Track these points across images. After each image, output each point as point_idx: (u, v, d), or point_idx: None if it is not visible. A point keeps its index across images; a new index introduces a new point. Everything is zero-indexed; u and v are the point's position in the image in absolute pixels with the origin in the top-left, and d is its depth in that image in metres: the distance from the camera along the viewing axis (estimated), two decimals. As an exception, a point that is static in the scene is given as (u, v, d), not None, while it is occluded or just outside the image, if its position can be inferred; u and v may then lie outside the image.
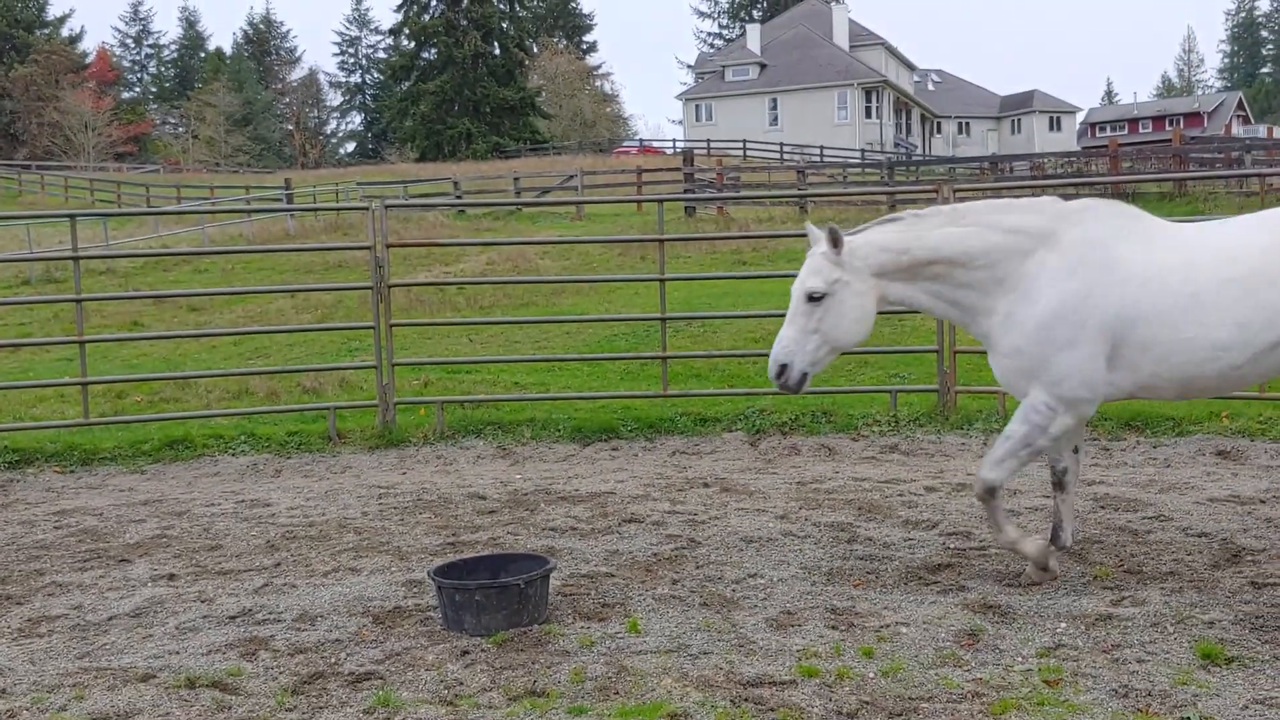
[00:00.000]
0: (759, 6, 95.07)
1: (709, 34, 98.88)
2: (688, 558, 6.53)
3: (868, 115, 69.83)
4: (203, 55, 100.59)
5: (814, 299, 5.55)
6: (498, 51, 77.11)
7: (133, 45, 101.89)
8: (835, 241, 5.56)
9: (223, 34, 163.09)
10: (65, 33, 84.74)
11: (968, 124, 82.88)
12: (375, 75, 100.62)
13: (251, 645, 5.32)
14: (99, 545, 7.35)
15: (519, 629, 5.35)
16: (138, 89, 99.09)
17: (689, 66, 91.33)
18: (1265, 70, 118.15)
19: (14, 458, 9.76)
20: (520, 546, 6.88)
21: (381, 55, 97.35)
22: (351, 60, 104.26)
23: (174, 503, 8.54)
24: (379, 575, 6.45)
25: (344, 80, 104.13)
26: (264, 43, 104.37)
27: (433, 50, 76.82)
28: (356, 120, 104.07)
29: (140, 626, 5.68)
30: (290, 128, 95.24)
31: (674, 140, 70.44)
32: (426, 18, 76.50)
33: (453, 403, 11.04)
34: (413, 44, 78.41)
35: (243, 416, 10.86)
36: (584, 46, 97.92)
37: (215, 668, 5.04)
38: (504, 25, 77.59)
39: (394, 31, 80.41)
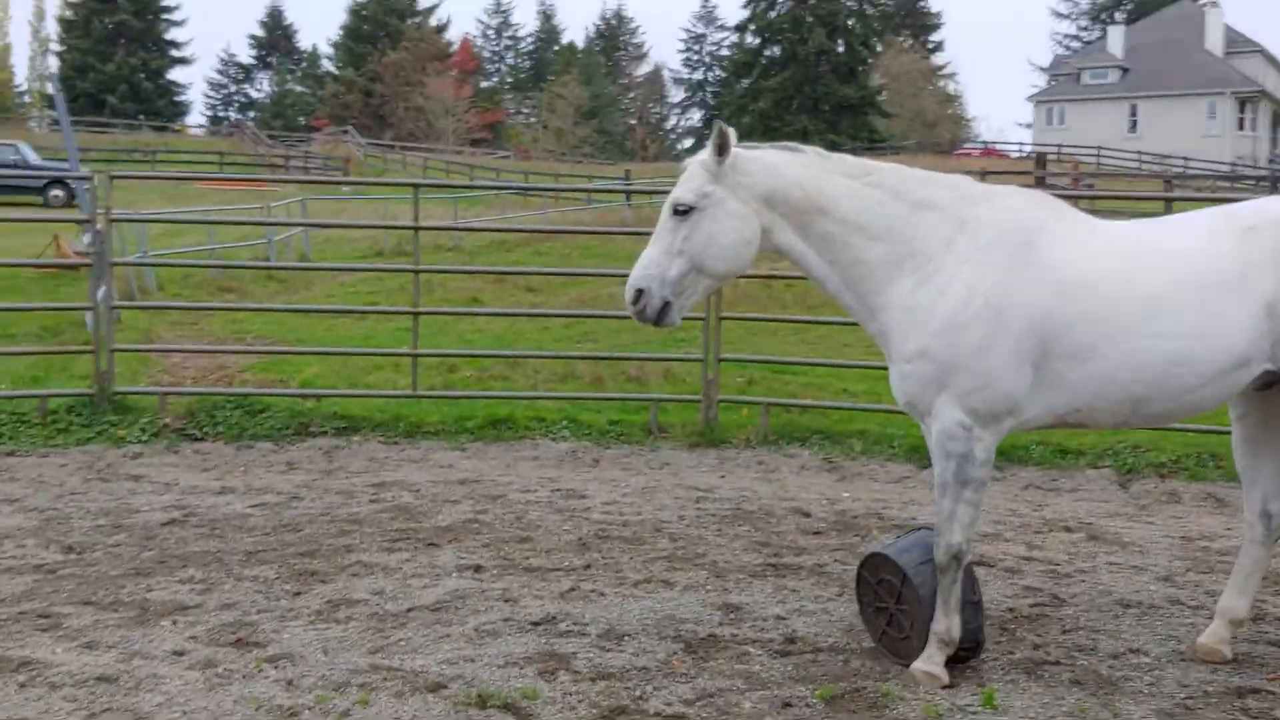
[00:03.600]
0: (1122, 8, 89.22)
1: (1066, 35, 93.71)
2: (1051, 618, 5.52)
3: (1240, 127, 64.14)
4: (556, 48, 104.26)
5: (680, 212, 4.57)
6: (842, 49, 75.88)
7: (493, 36, 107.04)
8: (721, 148, 4.55)
9: (576, 28, 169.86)
10: (433, 22, 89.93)
11: (1356, 142, 74.55)
12: (717, 72, 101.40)
13: (551, 662, 4.81)
14: (410, 525, 7.11)
15: (852, 689, 4.59)
16: (495, 78, 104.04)
17: (1041, 69, 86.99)
18: None
19: (342, 424, 9.81)
20: (850, 577, 6.09)
21: (725, 53, 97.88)
22: (696, 57, 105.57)
23: (490, 485, 8.27)
24: (693, 593, 5.83)
25: (687, 77, 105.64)
26: (614, 37, 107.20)
27: (776, 47, 76.48)
28: (695, 117, 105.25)
29: (439, 623, 5.31)
30: (633, 122, 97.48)
31: (1020, 144, 67.17)
32: (773, 14, 76.32)
33: (778, 405, 10.33)
34: (757, 40, 78.42)
35: (566, 401, 10.56)
36: (930, 46, 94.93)
37: (510, 684, 4.56)
38: (850, 23, 76.29)
39: (740, 28, 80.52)
